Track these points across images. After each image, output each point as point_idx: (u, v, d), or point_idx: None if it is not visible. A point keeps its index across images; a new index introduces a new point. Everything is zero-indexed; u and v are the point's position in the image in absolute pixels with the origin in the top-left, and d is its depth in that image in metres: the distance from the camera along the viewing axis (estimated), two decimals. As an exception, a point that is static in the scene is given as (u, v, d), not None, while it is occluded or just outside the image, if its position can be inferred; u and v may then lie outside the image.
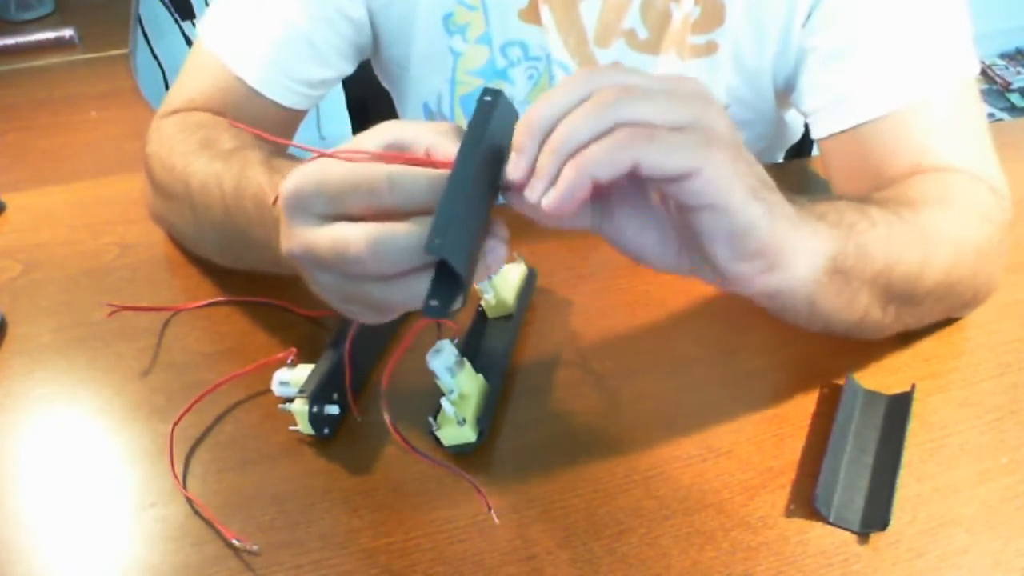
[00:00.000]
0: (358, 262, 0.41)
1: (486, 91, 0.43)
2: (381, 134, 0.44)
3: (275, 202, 0.49)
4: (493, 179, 0.42)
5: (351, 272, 0.41)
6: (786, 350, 0.63)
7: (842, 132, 0.67)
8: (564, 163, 0.40)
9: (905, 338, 0.63)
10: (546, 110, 0.41)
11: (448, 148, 0.42)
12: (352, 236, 0.40)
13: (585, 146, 0.40)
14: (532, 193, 0.41)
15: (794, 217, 0.46)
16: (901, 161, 0.64)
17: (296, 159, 0.57)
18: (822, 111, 0.68)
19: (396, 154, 0.43)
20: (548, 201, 0.40)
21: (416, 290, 0.41)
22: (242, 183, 0.56)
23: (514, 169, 0.41)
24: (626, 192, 0.45)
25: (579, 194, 0.40)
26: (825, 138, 0.69)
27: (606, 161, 0.39)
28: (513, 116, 0.43)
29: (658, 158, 0.40)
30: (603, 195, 0.45)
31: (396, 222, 0.40)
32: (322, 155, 0.43)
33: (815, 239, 0.48)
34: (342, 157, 0.42)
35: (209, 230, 0.64)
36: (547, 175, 0.40)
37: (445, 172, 0.40)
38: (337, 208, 0.42)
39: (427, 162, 0.42)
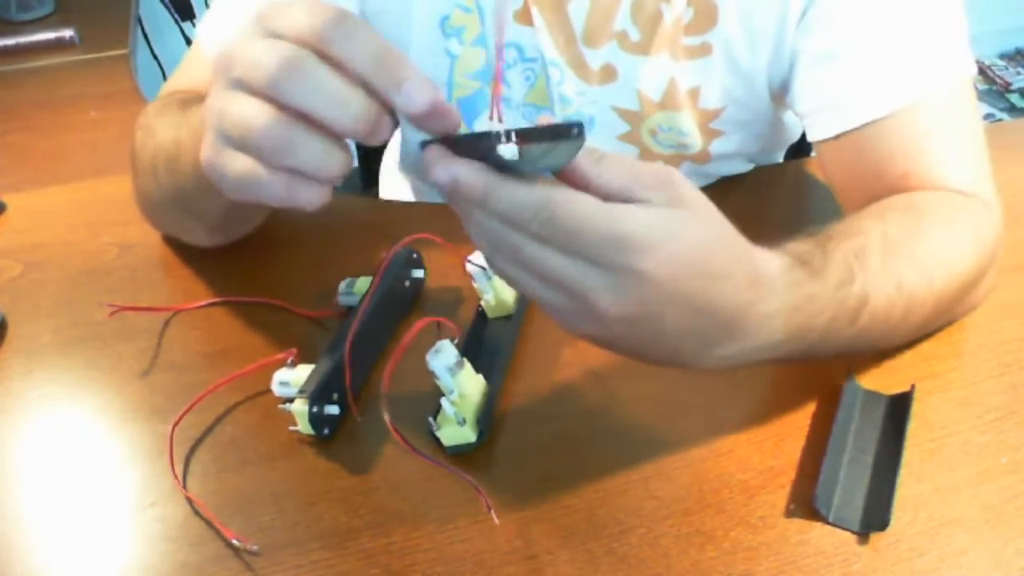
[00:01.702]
0: (305, 116, 0.40)
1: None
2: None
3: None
4: None
5: (287, 133, 0.41)
6: (786, 350, 0.63)
7: (836, 136, 0.67)
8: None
9: (905, 338, 0.63)
10: (495, 203, 0.40)
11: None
12: (299, 83, 0.40)
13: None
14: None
15: (742, 322, 0.46)
16: (895, 165, 0.64)
17: None
18: (816, 114, 0.68)
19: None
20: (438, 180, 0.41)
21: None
22: (183, 128, 0.57)
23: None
24: None
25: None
26: (820, 141, 0.69)
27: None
28: None
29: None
30: None
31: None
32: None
33: (769, 337, 0.48)
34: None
35: (167, 183, 0.63)
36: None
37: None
38: (281, 61, 0.40)
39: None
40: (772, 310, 0.47)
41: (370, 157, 1.16)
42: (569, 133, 0.38)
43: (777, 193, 0.83)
